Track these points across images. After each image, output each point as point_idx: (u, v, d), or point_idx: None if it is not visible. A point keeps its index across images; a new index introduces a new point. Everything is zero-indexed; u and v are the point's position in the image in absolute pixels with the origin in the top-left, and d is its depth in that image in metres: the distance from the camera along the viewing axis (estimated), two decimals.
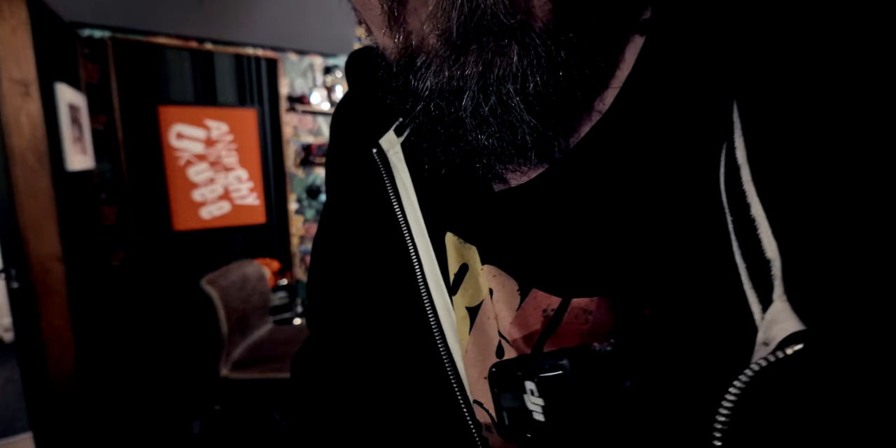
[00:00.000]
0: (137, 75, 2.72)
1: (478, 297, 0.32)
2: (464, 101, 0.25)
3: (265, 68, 3.14)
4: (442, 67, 0.25)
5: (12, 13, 1.74)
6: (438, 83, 0.26)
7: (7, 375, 3.36)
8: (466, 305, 0.32)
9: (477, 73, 0.25)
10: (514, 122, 0.26)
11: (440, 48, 0.25)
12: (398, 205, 0.35)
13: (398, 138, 0.35)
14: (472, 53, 0.24)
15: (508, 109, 0.25)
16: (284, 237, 3.37)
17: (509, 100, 0.25)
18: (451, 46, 0.24)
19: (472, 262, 0.32)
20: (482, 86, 0.25)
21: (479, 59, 0.24)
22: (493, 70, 0.24)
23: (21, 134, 1.77)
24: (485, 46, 0.24)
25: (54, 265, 1.90)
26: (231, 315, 2.15)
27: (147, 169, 2.81)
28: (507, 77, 0.24)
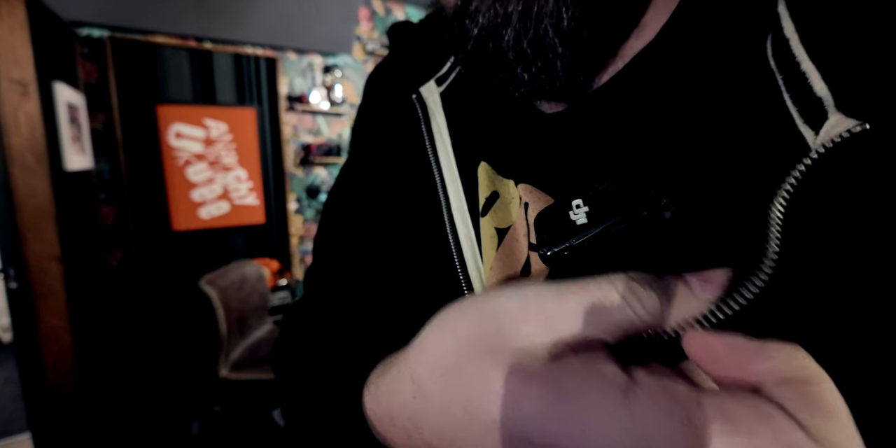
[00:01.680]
0: (136, 74, 2.71)
1: (507, 220, 0.35)
2: (506, 36, 0.29)
3: (264, 67, 3.14)
4: (490, 8, 0.29)
5: (10, 12, 1.74)
6: (487, 22, 0.29)
7: (5, 376, 3.36)
8: (496, 226, 0.35)
9: (518, 12, 0.28)
10: (550, 56, 0.29)
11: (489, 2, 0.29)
12: (430, 143, 0.38)
13: (437, 88, 0.40)
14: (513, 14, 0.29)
15: (544, 44, 0.29)
16: (284, 237, 3.36)
17: (545, 35, 0.28)
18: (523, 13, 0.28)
19: (503, 190, 0.35)
20: (523, 22, 0.28)
21: (518, 20, 0.28)
22: (532, 8, 0.28)
23: (19, 133, 1.78)
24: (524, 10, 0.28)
25: (52, 265, 1.90)
26: (230, 315, 2.15)
27: (146, 169, 2.80)
28: (544, 14, 0.28)
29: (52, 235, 1.89)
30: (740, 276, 0.23)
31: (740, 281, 0.23)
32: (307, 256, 3.55)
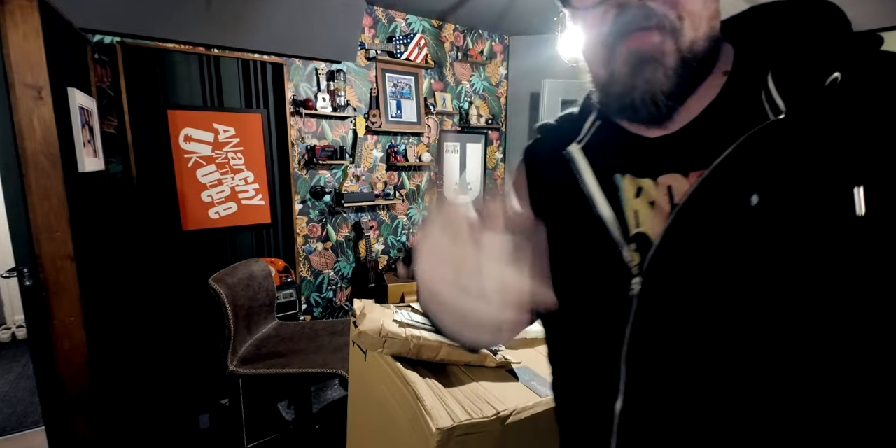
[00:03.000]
0: (147, 79, 2.78)
1: (652, 197, 0.58)
2: (636, 94, 0.55)
3: (271, 73, 3.20)
4: (626, 80, 0.55)
5: (25, 20, 1.78)
6: (623, 87, 0.56)
7: (20, 371, 3.43)
8: (647, 201, 0.59)
9: (643, 81, 0.54)
10: (659, 105, 0.55)
11: (626, 72, 0.55)
12: (579, 175, 0.64)
13: (577, 146, 0.66)
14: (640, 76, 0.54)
15: (656, 99, 0.54)
16: (289, 237, 3.43)
17: (657, 95, 0.54)
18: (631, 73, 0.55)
19: (645, 185, 0.59)
20: (645, 88, 0.54)
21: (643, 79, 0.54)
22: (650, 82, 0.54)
23: (34, 137, 1.82)
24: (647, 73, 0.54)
25: (66, 264, 1.94)
26: (238, 312, 2.20)
27: (157, 171, 2.87)
28: (657, 85, 0.54)
29: (66, 235, 1.93)
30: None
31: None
32: (312, 255, 3.61)
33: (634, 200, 0.60)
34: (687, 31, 0.52)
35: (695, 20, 0.52)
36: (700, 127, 0.57)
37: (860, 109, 0.47)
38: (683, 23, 0.51)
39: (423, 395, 0.90)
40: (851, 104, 0.47)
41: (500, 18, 3.86)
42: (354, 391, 1.30)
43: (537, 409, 0.92)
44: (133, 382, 2.75)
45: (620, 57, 0.55)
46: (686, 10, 0.51)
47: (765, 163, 0.49)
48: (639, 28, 0.52)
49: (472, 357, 1.07)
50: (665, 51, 0.52)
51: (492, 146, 4.49)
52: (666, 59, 0.52)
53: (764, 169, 0.50)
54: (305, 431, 2.58)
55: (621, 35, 0.54)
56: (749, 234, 0.49)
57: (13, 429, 2.70)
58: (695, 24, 0.52)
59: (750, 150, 0.51)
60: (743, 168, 0.50)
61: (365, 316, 1.11)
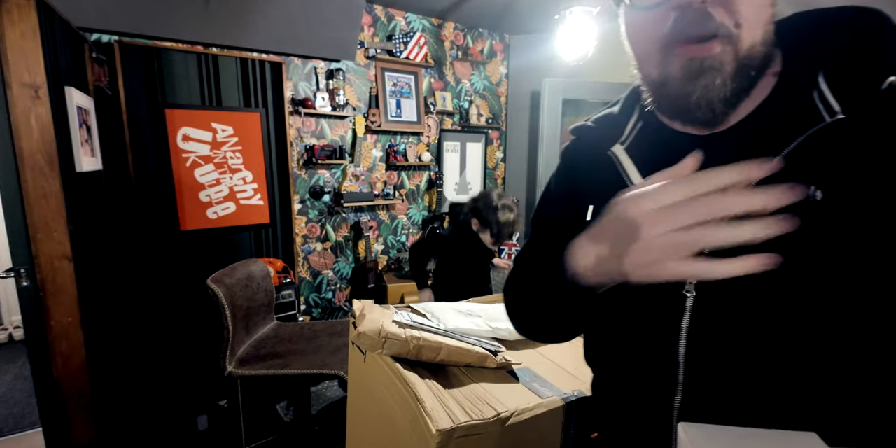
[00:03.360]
0: (145, 78, 2.77)
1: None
2: (693, 98, 0.56)
3: (270, 72, 3.19)
4: (684, 86, 0.56)
5: (22, 18, 1.77)
6: (678, 90, 0.57)
7: (17, 372, 3.42)
8: None
9: (701, 88, 0.55)
10: (713, 108, 0.56)
11: (683, 78, 0.55)
12: (625, 174, 0.66)
13: (621, 146, 0.68)
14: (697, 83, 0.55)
15: (713, 103, 0.55)
16: (288, 237, 3.41)
17: (713, 99, 0.55)
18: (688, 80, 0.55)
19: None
20: (702, 93, 0.55)
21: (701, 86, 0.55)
22: (707, 88, 0.55)
23: (31, 136, 1.81)
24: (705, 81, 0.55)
25: (63, 264, 1.93)
26: (236, 313, 2.19)
27: (154, 170, 2.86)
28: (714, 90, 0.54)
29: (63, 235, 1.92)
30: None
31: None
32: (311, 256, 3.60)
33: None
34: (745, 37, 0.52)
35: (751, 26, 0.52)
36: (752, 125, 0.59)
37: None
38: (741, 30, 0.52)
39: (422, 397, 0.89)
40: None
41: (500, 17, 3.85)
42: (354, 392, 1.29)
43: (538, 410, 0.90)
44: (131, 383, 2.74)
45: (677, 63, 0.55)
46: (743, 17, 0.52)
47: (825, 161, 0.52)
48: (698, 36, 0.53)
49: (472, 358, 1.06)
50: (724, 60, 0.53)
51: (492, 145, 4.48)
52: (725, 67, 0.53)
53: (824, 166, 0.51)
54: (304, 433, 2.57)
55: (679, 41, 0.54)
56: (809, 231, 0.48)
57: (10, 430, 2.69)
58: (752, 31, 0.53)
59: (809, 148, 0.53)
60: (803, 165, 0.52)
61: (364, 317, 1.10)
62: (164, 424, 2.70)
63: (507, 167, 4.59)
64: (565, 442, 0.95)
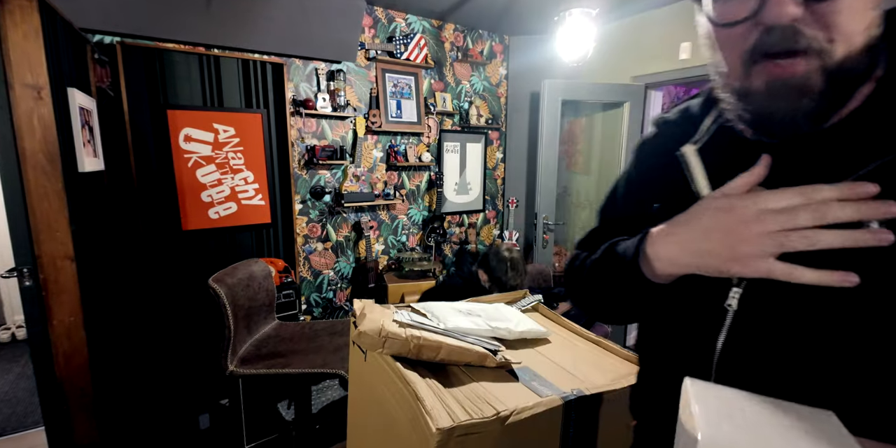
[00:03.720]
0: (147, 79, 2.78)
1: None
2: (778, 116, 0.53)
3: (271, 73, 3.20)
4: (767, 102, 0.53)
5: (24, 19, 1.78)
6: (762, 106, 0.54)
7: (20, 371, 3.43)
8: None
9: (785, 104, 0.52)
10: (795, 125, 0.53)
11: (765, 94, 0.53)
12: (691, 178, 0.64)
13: (693, 146, 0.65)
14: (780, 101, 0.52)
15: (796, 121, 0.52)
16: (289, 237, 3.42)
17: (796, 120, 0.52)
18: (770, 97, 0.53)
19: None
20: (788, 112, 0.52)
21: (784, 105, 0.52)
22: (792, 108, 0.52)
23: (33, 137, 1.82)
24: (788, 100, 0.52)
25: (66, 264, 1.94)
26: (237, 312, 2.19)
27: (156, 171, 2.88)
28: (799, 110, 0.51)
29: (66, 235, 1.93)
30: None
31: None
32: (312, 256, 3.61)
33: None
34: (838, 51, 0.49)
35: (849, 38, 0.49)
36: (834, 139, 0.55)
37: None
38: (835, 44, 0.49)
39: (423, 396, 0.89)
40: None
41: (500, 18, 3.86)
42: (354, 391, 1.30)
43: (538, 409, 0.91)
44: (133, 382, 2.75)
45: (759, 78, 0.53)
46: (840, 31, 0.48)
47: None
48: (784, 53, 0.50)
49: (471, 357, 1.07)
50: (811, 76, 0.50)
51: (492, 146, 4.49)
52: (812, 83, 0.50)
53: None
54: (305, 431, 2.58)
55: (765, 55, 0.51)
56: (866, 257, 0.47)
57: (13, 429, 2.70)
58: (848, 43, 0.49)
59: (885, 175, 0.48)
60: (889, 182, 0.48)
61: (365, 316, 1.11)
62: (166, 423, 2.71)
63: (506, 167, 4.60)
64: (564, 441, 0.96)
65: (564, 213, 4.60)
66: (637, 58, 3.72)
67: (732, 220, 0.50)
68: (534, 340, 1.30)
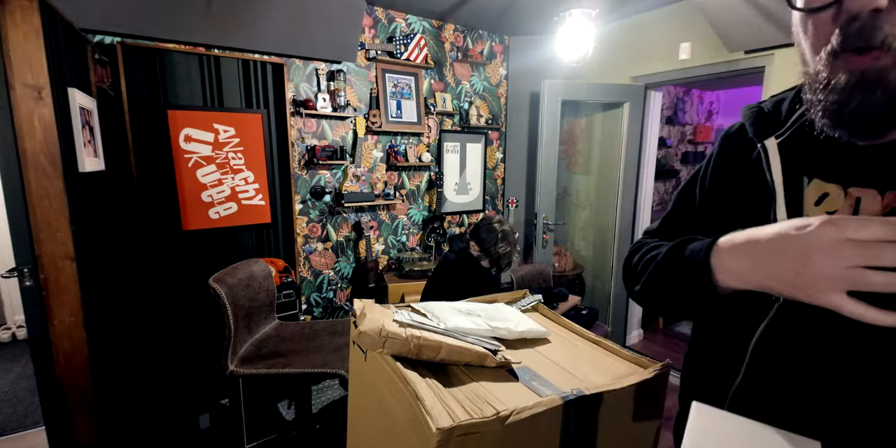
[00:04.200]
0: (147, 80, 2.79)
1: (834, 207, 0.59)
2: (847, 110, 0.53)
3: (271, 73, 3.20)
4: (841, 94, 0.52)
5: (25, 20, 1.78)
6: (837, 97, 0.53)
7: (20, 371, 3.43)
8: (826, 211, 0.60)
9: (857, 100, 0.51)
10: (872, 124, 0.53)
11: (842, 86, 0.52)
12: (768, 169, 0.65)
13: (775, 140, 0.66)
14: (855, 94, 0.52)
15: (868, 118, 0.52)
16: (289, 237, 3.43)
17: (869, 115, 0.52)
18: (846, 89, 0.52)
19: (832, 191, 0.60)
20: (859, 105, 0.52)
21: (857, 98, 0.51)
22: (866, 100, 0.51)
23: (34, 137, 1.82)
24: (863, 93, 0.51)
25: (66, 264, 1.94)
26: (238, 312, 2.19)
27: (157, 171, 2.88)
28: (872, 104, 0.51)
29: (66, 235, 1.93)
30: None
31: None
32: (312, 255, 3.62)
33: (813, 207, 0.61)
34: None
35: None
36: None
37: None
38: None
39: (423, 395, 0.90)
40: None
41: (499, 19, 3.86)
42: (354, 391, 1.30)
43: (537, 409, 0.91)
44: (133, 382, 2.75)
45: (840, 68, 0.53)
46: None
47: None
48: (864, 46, 0.50)
49: (471, 357, 1.07)
50: (888, 71, 0.50)
51: (492, 146, 4.49)
52: (888, 78, 0.50)
53: None
54: (305, 431, 2.58)
55: (845, 48, 0.52)
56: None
57: (13, 429, 2.70)
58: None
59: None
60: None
61: (365, 316, 1.11)
62: (166, 423, 2.71)
63: (506, 167, 4.60)
64: (564, 441, 0.96)
65: (564, 213, 4.60)
66: (637, 58, 3.72)
67: (806, 246, 0.47)
68: (534, 340, 1.30)
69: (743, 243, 0.57)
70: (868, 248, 0.43)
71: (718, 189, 0.77)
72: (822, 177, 0.61)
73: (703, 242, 0.64)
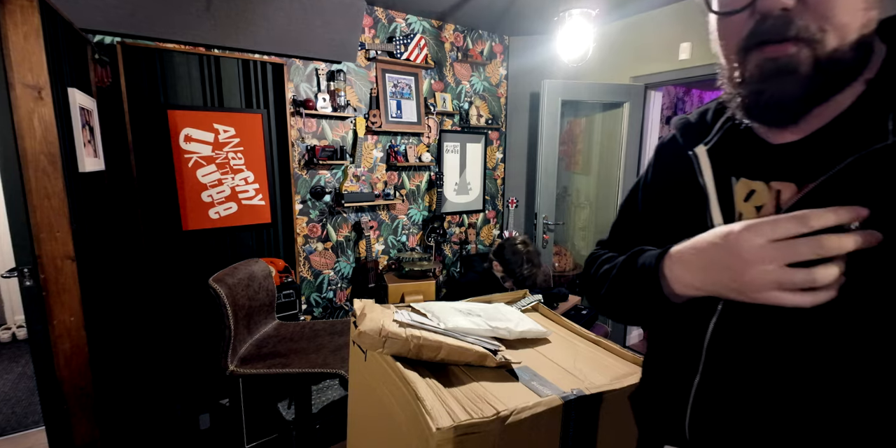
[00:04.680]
0: (147, 80, 2.79)
1: (761, 201, 0.63)
2: (763, 99, 0.57)
3: (271, 73, 3.20)
4: (758, 84, 0.57)
5: (25, 20, 1.78)
6: (754, 89, 0.57)
7: (20, 371, 3.43)
8: (755, 205, 0.63)
9: (772, 88, 0.56)
10: (787, 111, 0.57)
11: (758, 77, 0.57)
12: (700, 174, 0.69)
13: (704, 147, 0.71)
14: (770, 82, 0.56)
15: (783, 105, 0.56)
16: (289, 237, 3.43)
17: (783, 101, 0.56)
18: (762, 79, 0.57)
19: (758, 187, 0.63)
20: (774, 92, 0.56)
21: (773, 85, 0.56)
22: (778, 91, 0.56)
23: (34, 137, 1.82)
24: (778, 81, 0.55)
25: (66, 264, 1.94)
26: (238, 312, 2.19)
27: (157, 171, 2.88)
28: (786, 91, 0.55)
29: (66, 235, 1.93)
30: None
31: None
32: (312, 255, 3.62)
33: (743, 204, 0.65)
34: (829, 41, 0.53)
35: (841, 31, 0.53)
36: (824, 138, 0.59)
37: None
38: (826, 34, 0.53)
39: (423, 395, 0.90)
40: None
41: (499, 19, 3.86)
42: (354, 391, 1.30)
43: (537, 409, 0.92)
44: (134, 382, 2.75)
45: (754, 62, 0.57)
46: (832, 23, 0.52)
47: (872, 186, 0.52)
48: (776, 38, 0.54)
49: (471, 357, 1.07)
50: (800, 60, 0.54)
51: (492, 146, 4.49)
52: (800, 68, 0.54)
53: (871, 192, 0.52)
54: (305, 431, 2.58)
55: (759, 42, 0.56)
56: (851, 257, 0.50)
57: (13, 429, 2.70)
58: (841, 35, 0.53)
59: (860, 170, 0.53)
60: (850, 187, 0.53)
61: (365, 316, 1.11)
62: (166, 423, 2.71)
63: (506, 168, 4.60)
64: (564, 440, 0.96)
65: (564, 213, 4.60)
66: (637, 58, 3.72)
67: (734, 255, 0.53)
68: (534, 340, 1.31)
69: (686, 254, 0.62)
70: (786, 246, 0.49)
71: (657, 197, 0.81)
72: (748, 176, 0.65)
73: (652, 255, 0.69)
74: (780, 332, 0.59)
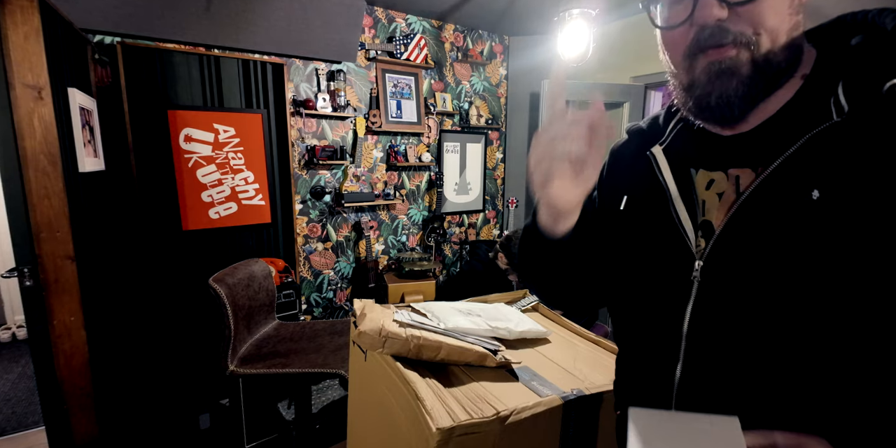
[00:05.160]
0: (147, 80, 2.79)
1: (721, 189, 0.67)
2: (711, 97, 0.62)
3: (271, 73, 3.20)
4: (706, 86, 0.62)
5: (25, 20, 1.78)
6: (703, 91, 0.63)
7: (20, 371, 3.43)
8: (717, 192, 0.67)
9: (717, 89, 0.61)
10: (734, 108, 0.62)
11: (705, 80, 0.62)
12: (658, 170, 0.74)
13: (660, 147, 0.76)
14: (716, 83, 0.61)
15: (731, 103, 0.61)
16: (289, 237, 3.43)
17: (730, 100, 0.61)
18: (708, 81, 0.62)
19: (717, 177, 0.68)
20: (718, 94, 0.62)
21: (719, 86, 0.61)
22: (723, 91, 0.61)
23: (34, 137, 1.82)
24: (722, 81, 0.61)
25: (66, 264, 1.94)
26: (238, 312, 2.19)
27: (157, 171, 2.88)
28: (731, 94, 0.61)
29: (67, 235, 1.93)
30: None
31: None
32: (312, 255, 3.62)
33: (705, 192, 0.69)
34: (764, 43, 0.59)
35: (773, 34, 0.59)
36: (773, 126, 0.64)
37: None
38: (760, 37, 0.59)
39: (423, 395, 0.90)
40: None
41: (499, 19, 3.86)
42: (354, 391, 1.30)
43: (538, 408, 0.92)
44: (133, 382, 2.75)
45: (700, 66, 0.63)
46: (764, 27, 0.59)
47: (826, 161, 0.57)
48: (716, 44, 0.60)
49: (471, 357, 1.07)
50: (740, 62, 0.60)
51: (492, 146, 4.49)
52: (741, 68, 0.60)
53: (826, 166, 0.56)
54: (305, 431, 2.58)
55: (701, 49, 0.62)
56: (806, 227, 0.56)
57: (13, 429, 2.70)
58: (773, 38, 0.59)
59: (813, 149, 0.58)
60: (806, 165, 0.58)
61: (365, 316, 1.11)
62: (166, 423, 2.71)
63: (506, 168, 4.60)
64: (564, 440, 0.96)
65: None
66: (637, 58, 3.72)
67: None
68: (534, 340, 1.31)
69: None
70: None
71: (615, 196, 0.85)
72: (706, 167, 0.70)
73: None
74: (758, 310, 0.61)
